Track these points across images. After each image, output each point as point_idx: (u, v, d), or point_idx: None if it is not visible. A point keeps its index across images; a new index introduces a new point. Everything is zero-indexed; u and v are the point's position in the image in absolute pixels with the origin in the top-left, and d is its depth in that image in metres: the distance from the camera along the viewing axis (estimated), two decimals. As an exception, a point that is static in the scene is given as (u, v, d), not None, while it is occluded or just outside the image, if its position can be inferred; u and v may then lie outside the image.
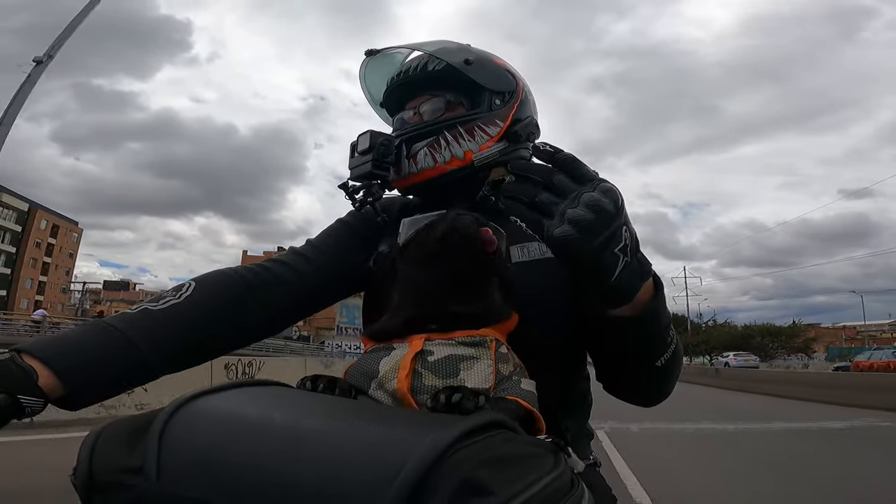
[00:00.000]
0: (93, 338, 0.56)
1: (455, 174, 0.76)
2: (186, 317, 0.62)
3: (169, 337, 0.60)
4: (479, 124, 0.77)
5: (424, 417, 0.42)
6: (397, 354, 0.53)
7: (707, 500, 3.49)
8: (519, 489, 0.33)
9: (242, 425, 0.39)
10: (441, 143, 0.75)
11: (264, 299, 0.70)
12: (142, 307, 0.61)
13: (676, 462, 4.82)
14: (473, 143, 0.76)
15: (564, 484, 0.37)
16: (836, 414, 8.33)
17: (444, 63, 0.78)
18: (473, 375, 0.51)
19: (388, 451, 0.34)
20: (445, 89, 0.80)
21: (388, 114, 0.88)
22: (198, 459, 0.37)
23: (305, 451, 0.35)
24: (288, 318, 0.75)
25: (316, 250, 0.79)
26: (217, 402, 0.42)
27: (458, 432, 0.35)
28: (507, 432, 0.38)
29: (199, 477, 0.37)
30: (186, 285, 0.65)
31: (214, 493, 0.36)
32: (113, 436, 0.41)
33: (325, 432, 0.37)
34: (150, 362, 0.58)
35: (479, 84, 0.78)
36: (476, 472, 0.32)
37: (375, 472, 0.33)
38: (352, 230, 0.83)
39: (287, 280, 0.73)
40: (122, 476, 0.39)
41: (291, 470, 0.35)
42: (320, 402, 0.47)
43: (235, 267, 0.73)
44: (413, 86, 0.81)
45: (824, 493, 3.60)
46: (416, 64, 0.80)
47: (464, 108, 0.80)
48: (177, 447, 0.38)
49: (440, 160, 0.75)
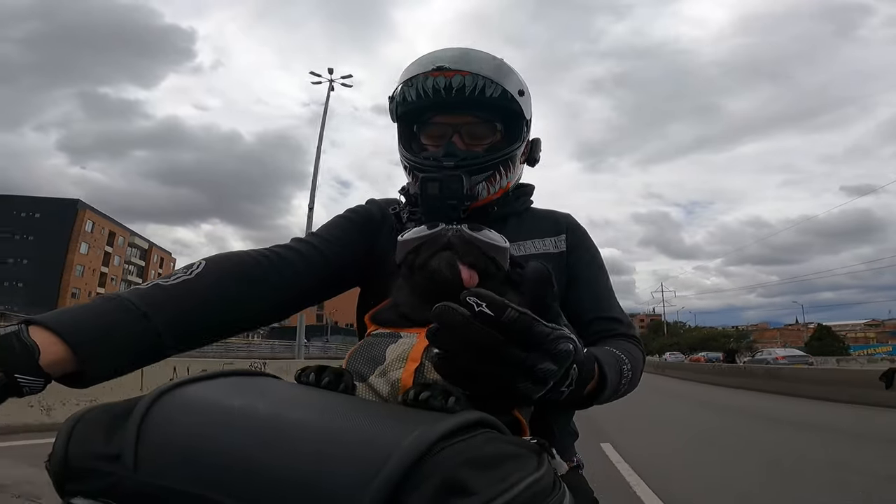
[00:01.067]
0: (108, 311, 0.54)
1: (497, 200, 0.84)
2: (198, 294, 0.61)
3: (182, 314, 0.59)
4: (516, 153, 0.84)
5: (410, 414, 0.41)
6: (405, 343, 0.53)
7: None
8: (500, 490, 0.33)
9: (225, 415, 0.38)
10: (497, 177, 0.81)
11: (276, 285, 0.70)
12: (153, 283, 0.59)
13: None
14: (514, 174, 0.85)
15: (546, 486, 0.37)
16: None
17: (501, 90, 0.79)
18: None
19: (371, 447, 0.34)
20: (493, 114, 0.82)
21: (409, 116, 0.85)
22: (178, 449, 0.37)
23: (288, 444, 0.35)
24: (295, 304, 0.74)
25: (325, 242, 0.79)
26: (200, 391, 0.42)
27: (442, 431, 0.34)
28: (491, 432, 0.38)
29: (178, 466, 0.36)
30: (197, 263, 0.64)
31: (193, 483, 0.35)
32: (92, 421, 0.40)
33: (309, 425, 0.37)
34: (162, 338, 0.56)
35: (523, 115, 0.83)
36: (458, 472, 0.32)
37: (358, 468, 0.33)
38: (354, 225, 0.84)
39: (296, 266, 0.73)
40: (98, 463, 0.38)
41: (273, 462, 0.34)
42: (306, 394, 0.46)
43: (248, 250, 0.72)
44: (461, 104, 0.80)
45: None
46: (471, 84, 0.78)
47: (501, 136, 0.84)
48: (156, 435, 0.38)
49: (492, 191, 0.82)
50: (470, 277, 0.54)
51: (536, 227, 0.86)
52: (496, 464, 0.34)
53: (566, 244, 0.85)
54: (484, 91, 0.78)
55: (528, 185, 0.92)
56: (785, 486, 3.58)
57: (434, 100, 0.79)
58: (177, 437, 0.37)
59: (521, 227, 0.86)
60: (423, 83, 0.79)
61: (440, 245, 0.57)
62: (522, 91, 0.82)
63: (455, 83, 0.78)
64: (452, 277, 0.54)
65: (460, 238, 0.57)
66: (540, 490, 0.36)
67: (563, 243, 0.85)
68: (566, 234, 0.86)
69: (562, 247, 0.85)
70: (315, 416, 0.39)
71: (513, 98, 0.79)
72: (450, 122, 0.82)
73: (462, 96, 0.78)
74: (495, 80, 0.78)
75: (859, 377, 9.13)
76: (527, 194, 0.91)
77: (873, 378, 8.19)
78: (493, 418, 0.40)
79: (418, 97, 0.79)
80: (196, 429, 0.38)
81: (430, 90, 0.78)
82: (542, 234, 0.86)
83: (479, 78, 0.78)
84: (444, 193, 0.77)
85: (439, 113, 0.82)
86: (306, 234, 0.82)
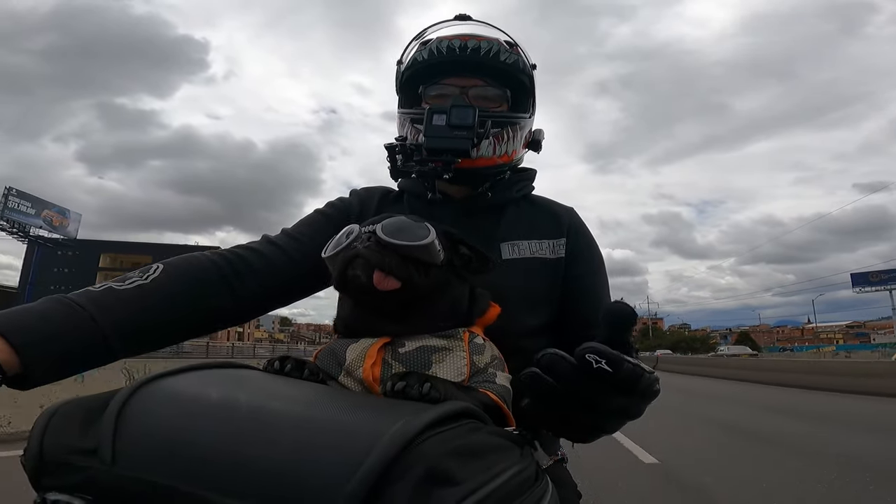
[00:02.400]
0: (54, 312, 0.53)
1: (498, 168, 0.78)
2: (151, 298, 0.59)
3: (132, 318, 0.57)
4: (523, 127, 0.80)
5: (394, 405, 0.41)
6: (365, 342, 0.52)
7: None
8: (483, 480, 0.33)
9: (205, 407, 0.38)
10: (504, 136, 0.77)
11: (233, 286, 0.68)
12: (106, 286, 0.58)
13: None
14: (519, 144, 0.79)
15: (529, 477, 0.37)
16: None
17: (516, 59, 0.78)
18: (446, 367, 0.51)
19: (355, 437, 0.34)
20: (504, 82, 0.79)
21: (414, 79, 0.82)
22: (156, 441, 0.36)
23: (271, 434, 0.35)
24: (257, 307, 0.72)
25: (291, 240, 0.76)
26: (179, 384, 0.41)
27: (426, 421, 0.34)
28: (475, 422, 0.38)
29: (157, 459, 0.35)
30: (154, 267, 0.62)
31: (173, 476, 0.35)
32: (67, 415, 0.39)
33: (292, 416, 0.37)
34: (110, 342, 0.55)
35: (532, 90, 0.80)
36: (441, 462, 0.32)
37: (342, 458, 0.32)
38: (330, 221, 0.79)
39: (258, 268, 0.70)
40: (74, 457, 0.37)
41: (256, 453, 0.34)
42: (288, 385, 0.46)
43: (207, 252, 0.70)
44: (473, 66, 0.78)
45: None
46: (487, 47, 0.77)
47: (507, 107, 0.80)
48: (134, 428, 0.37)
49: (498, 152, 0.77)
50: (380, 280, 0.51)
51: (535, 225, 0.81)
52: (480, 454, 0.35)
53: (566, 250, 0.79)
54: (499, 55, 0.77)
55: (529, 170, 0.88)
56: (733, 445, 4.70)
57: (447, 57, 0.77)
58: (155, 430, 0.37)
59: (519, 222, 0.81)
60: (437, 43, 0.77)
61: (349, 258, 0.53)
62: (535, 65, 0.80)
63: (470, 45, 0.77)
64: (367, 285, 0.51)
65: (374, 245, 0.53)
66: (523, 480, 0.36)
67: (562, 249, 0.79)
68: (567, 237, 0.80)
69: (560, 253, 0.79)
70: (297, 406, 0.38)
71: (525, 69, 0.78)
72: (459, 84, 0.79)
73: (476, 56, 0.77)
74: (511, 47, 0.77)
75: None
76: (528, 179, 0.87)
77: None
78: (477, 409, 0.40)
79: (430, 55, 0.78)
80: (175, 421, 0.37)
81: (445, 49, 0.77)
82: (540, 235, 0.80)
83: (495, 43, 0.77)
84: (452, 122, 0.71)
85: (449, 75, 0.79)
86: (280, 231, 0.78)
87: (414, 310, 0.53)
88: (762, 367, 14.00)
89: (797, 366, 12.41)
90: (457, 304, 0.56)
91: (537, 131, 0.85)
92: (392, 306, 0.52)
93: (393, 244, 0.52)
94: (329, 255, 0.56)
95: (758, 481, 3.32)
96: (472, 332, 0.55)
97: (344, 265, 0.53)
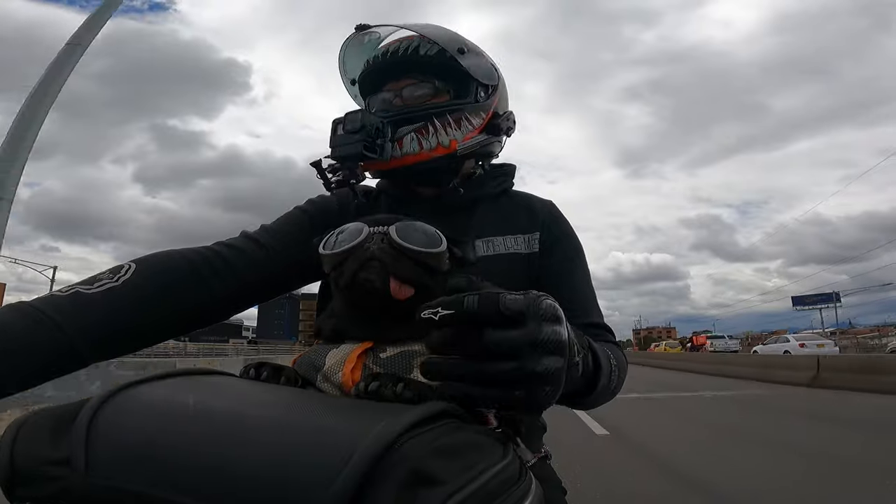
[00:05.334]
0: (12, 321, 0.50)
1: (437, 162, 0.76)
2: (123, 301, 0.57)
3: (100, 321, 0.55)
4: (465, 114, 0.78)
5: (374, 407, 0.41)
6: (346, 348, 0.52)
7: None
8: (467, 479, 0.33)
9: (181, 413, 0.37)
10: (429, 129, 0.75)
11: (210, 284, 0.66)
12: (73, 289, 0.56)
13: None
14: (459, 132, 0.77)
15: (512, 474, 0.37)
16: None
17: (438, 48, 0.77)
18: None
19: (336, 440, 0.33)
20: (434, 75, 0.79)
21: (362, 92, 0.85)
22: (131, 449, 0.35)
23: (248, 440, 0.34)
24: (235, 305, 0.70)
25: (270, 235, 0.75)
26: (153, 391, 0.40)
27: (408, 421, 0.34)
28: (456, 421, 0.38)
29: (132, 468, 0.35)
30: (126, 267, 0.60)
31: (149, 484, 0.34)
32: (36, 425, 0.38)
33: (271, 420, 0.36)
34: (78, 348, 0.53)
35: (469, 74, 0.79)
36: (424, 462, 0.32)
37: (324, 460, 0.32)
38: (309, 218, 0.79)
39: (236, 265, 0.69)
40: (47, 468, 0.36)
41: (235, 458, 0.33)
42: (266, 390, 0.45)
43: (181, 249, 0.68)
44: (399, 67, 0.79)
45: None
46: (406, 45, 0.78)
47: (448, 97, 0.79)
48: (107, 437, 0.36)
49: (426, 146, 0.75)
50: (400, 290, 0.50)
51: (510, 220, 0.81)
52: (462, 453, 0.35)
53: (539, 243, 0.79)
54: (418, 50, 0.78)
55: (507, 165, 0.88)
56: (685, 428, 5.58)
57: (374, 68, 0.80)
58: (129, 438, 0.36)
59: (493, 218, 0.81)
60: (358, 60, 0.81)
61: (363, 260, 0.51)
62: (463, 49, 0.78)
63: (391, 49, 0.79)
64: (382, 293, 0.50)
65: (388, 249, 0.52)
66: (507, 478, 0.36)
67: (535, 243, 0.79)
68: (541, 230, 0.80)
69: (534, 247, 0.78)
70: (275, 411, 0.38)
71: (451, 56, 0.77)
72: (393, 88, 0.80)
73: (396, 57, 0.78)
74: (430, 39, 0.77)
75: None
76: (506, 174, 0.86)
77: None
78: (458, 408, 0.40)
79: (365, 67, 0.81)
80: (149, 428, 0.36)
81: (372, 61, 0.80)
82: (514, 230, 0.79)
83: (416, 39, 0.78)
84: (347, 129, 0.70)
85: (385, 83, 0.81)
86: (259, 227, 0.77)
87: (406, 318, 0.52)
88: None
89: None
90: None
91: (505, 115, 0.83)
92: (398, 312, 0.51)
93: (409, 249, 0.51)
94: (334, 252, 0.53)
95: (684, 441, 4.62)
96: None
97: (358, 265, 0.51)
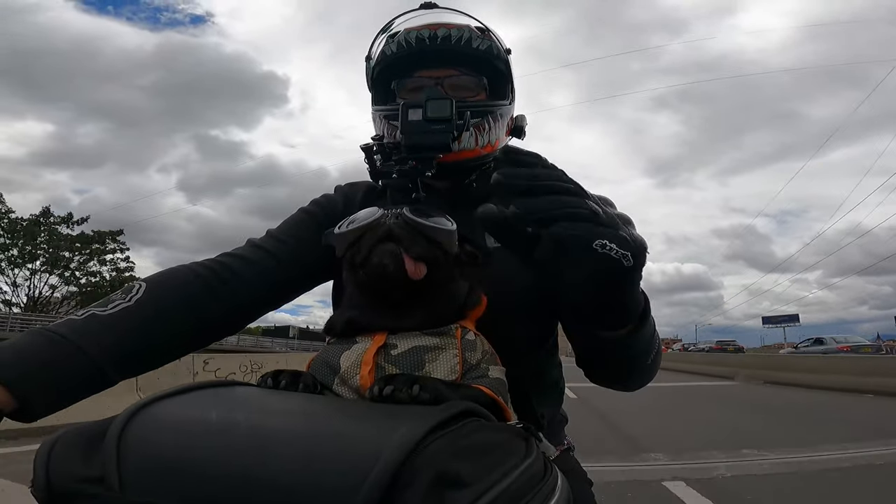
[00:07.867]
0: (37, 347, 0.52)
1: (484, 160, 0.75)
2: (137, 320, 0.58)
3: (118, 341, 0.56)
4: (504, 114, 0.78)
5: (395, 410, 0.41)
6: (359, 348, 0.52)
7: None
8: (494, 479, 0.33)
9: (206, 428, 0.37)
10: (485, 126, 0.74)
11: (222, 297, 0.66)
12: (89, 312, 0.57)
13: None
14: (502, 132, 0.77)
15: (538, 470, 0.37)
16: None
17: (489, 44, 0.76)
18: (439, 366, 0.50)
19: (360, 447, 0.33)
20: (479, 70, 0.77)
21: (386, 74, 0.80)
22: (161, 466, 0.36)
23: (274, 451, 0.34)
24: (248, 315, 0.71)
25: (278, 243, 0.74)
26: (175, 406, 0.41)
27: (430, 424, 0.34)
28: (478, 421, 0.38)
29: (165, 484, 0.35)
30: (137, 287, 0.61)
31: (184, 499, 0.34)
32: (68, 443, 0.39)
33: (293, 430, 0.36)
34: (103, 369, 0.55)
35: (509, 76, 0.79)
36: (450, 464, 0.32)
37: (349, 468, 0.32)
38: (316, 220, 0.78)
39: (246, 276, 0.69)
40: (83, 486, 0.37)
41: (261, 470, 0.34)
42: (285, 400, 0.45)
43: (190, 263, 0.68)
44: (445, 56, 0.76)
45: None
46: (457, 35, 0.75)
47: (485, 95, 0.78)
48: (136, 454, 0.37)
49: (481, 143, 0.74)
50: (415, 269, 0.50)
51: None
52: (487, 452, 0.35)
53: None
54: (471, 42, 0.75)
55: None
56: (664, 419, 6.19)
57: (418, 48, 0.75)
58: (157, 454, 0.36)
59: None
60: (405, 35, 0.75)
61: (381, 235, 0.52)
62: (509, 50, 0.79)
63: (441, 33, 0.75)
64: (397, 271, 0.50)
65: (403, 225, 0.52)
66: (532, 475, 0.36)
67: None
68: None
69: None
70: (298, 420, 0.38)
71: (500, 54, 0.77)
72: (432, 76, 0.76)
73: (448, 45, 0.75)
74: (483, 33, 0.76)
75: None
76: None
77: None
78: (479, 407, 0.40)
79: (399, 48, 0.75)
80: (176, 444, 0.37)
81: (414, 40, 0.75)
82: None
83: (466, 29, 0.75)
84: (429, 116, 0.67)
85: (422, 67, 0.77)
86: (265, 233, 0.77)
87: (418, 302, 0.53)
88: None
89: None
90: (456, 297, 0.56)
91: (519, 117, 0.84)
92: (411, 291, 0.51)
93: (423, 225, 0.52)
94: (350, 229, 0.54)
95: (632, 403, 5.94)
96: (464, 327, 0.55)
97: (375, 240, 0.51)
